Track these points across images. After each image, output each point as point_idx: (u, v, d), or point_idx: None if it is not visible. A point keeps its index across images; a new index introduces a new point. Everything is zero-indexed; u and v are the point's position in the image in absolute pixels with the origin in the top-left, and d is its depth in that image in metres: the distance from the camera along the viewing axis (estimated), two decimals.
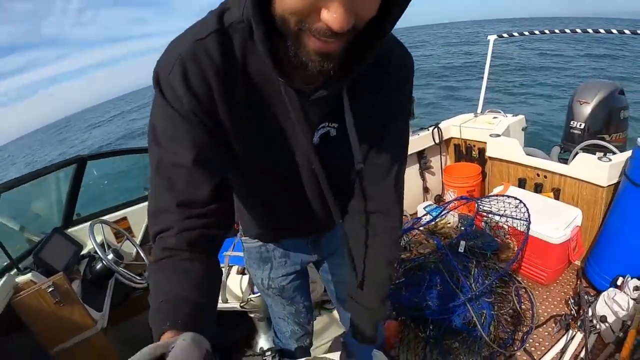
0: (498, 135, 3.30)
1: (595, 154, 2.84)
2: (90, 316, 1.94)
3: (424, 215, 3.39)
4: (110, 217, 2.68)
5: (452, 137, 3.83)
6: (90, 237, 2.10)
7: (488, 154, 3.39)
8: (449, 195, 3.58)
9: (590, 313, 2.30)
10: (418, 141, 3.64)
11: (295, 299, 1.49)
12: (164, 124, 0.77)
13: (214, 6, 0.81)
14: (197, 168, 0.77)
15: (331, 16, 0.58)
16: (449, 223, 3.33)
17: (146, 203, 2.19)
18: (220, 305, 2.13)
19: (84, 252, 2.47)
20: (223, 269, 2.17)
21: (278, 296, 1.45)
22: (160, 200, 0.79)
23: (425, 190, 3.98)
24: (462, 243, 2.60)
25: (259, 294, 2.12)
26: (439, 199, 4.03)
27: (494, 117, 3.71)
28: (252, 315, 2.33)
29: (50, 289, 1.85)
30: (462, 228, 3.05)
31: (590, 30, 3.12)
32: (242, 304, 2.09)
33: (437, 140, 3.70)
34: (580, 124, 3.06)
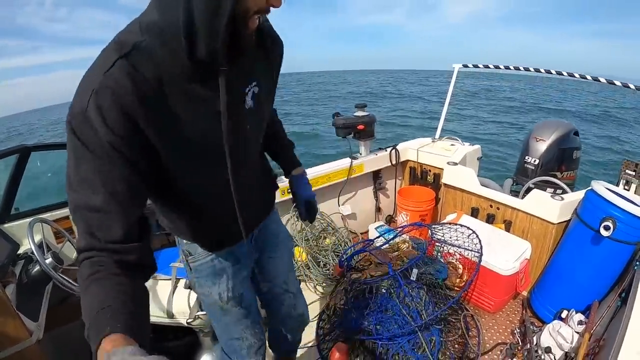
0: (455, 164, 3.36)
1: (545, 190, 2.94)
2: (25, 327, 1.76)
3: (376, 238, 3.40)
4: (51, 215, 2.50)
5: (409, 160, 3.88)
6: (28, 237, 1.94)
7: (444, 180, 3.45)
8: (401, 218, 3.61)
9: (535, 343, 2.36)
10: (375, 161, 3.67)
11: (252, 306, 1.50)
12: (76, 169, 0.80)
13: None
14: (110, 208, 0.81)
15: (277, 2, 0.85)
16: (404, 243, 3.35)
17: None
18: (165, 320, 2.02)
19: (20, 251, 2.29)
20: (169, 282, 2.06)
21: (237, 307, 1.42)
22: (81, 240, 0.82)
23: (378, 210, 4.00)
24: (415, 271, 2.62)
25: None
26: (390, 220, 4.06)
27: (452, 144, 3.79)
28: (197, 330, 2.24)
29: None
30: (414, 249, 3.08)
31: (553, 72, 3.25)
32: (189, 320, 1.99)
33: (393, 162, 3.74)
34: (535, 160, 3.16)
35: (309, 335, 2.60)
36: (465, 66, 3.85)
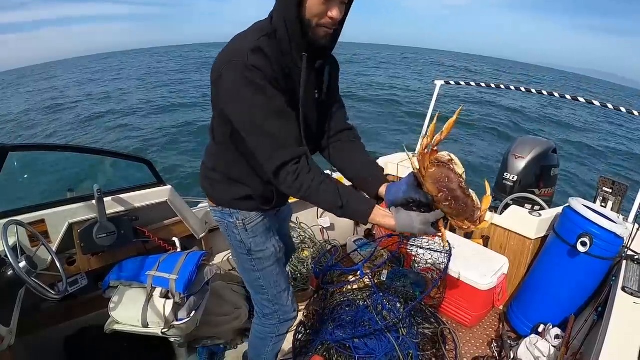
0: None
1: (524, 206, 2.98)
2: None
3: (353, 252, 3.43)
4: (27, 217, 2.44)
5: (389, 174, 3.89)
6: (2, 239, 1.88)
7: None
8: (380, 232, 3.62)
9: (512, 357, 2.37)
10: None
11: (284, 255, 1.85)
12: (261, 97, 1.26)
13: None
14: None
15: (334, 14, 1.25)
16: (380, 255, 3.35)
17: (68, 207, 2.01)
18: (140, 329, 1.98)
19: None
20: (145, 290, 2.02)
21: (281, 257, 1.77)
22: (287, 154, 1.29)
23: (357, 223, 3.99)
24: (384, 272, 2.72)
25: (183, 320, 2.00)
26: (368, 233, 4.06)
27: None
28: (172, 340, 2.20)
29: None
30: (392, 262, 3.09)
31: (533, 91, 3.31)
32: (164, 330, 1.95)
33: None
34: (513, 177, 3.21)
35: (285, 347, 2.58)
36: (448, 83, 3.88)
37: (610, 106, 2.94)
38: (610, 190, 2.73)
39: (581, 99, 3.12)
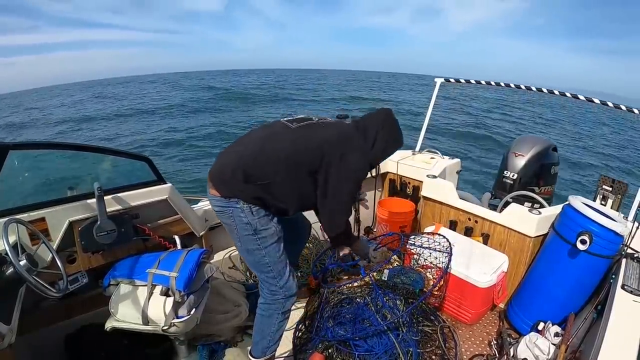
0: (435, 177, 3.39)
1: (523, 204, 2.98)
2: None
3: None
4: (27, 215, 2.44)
5: (389, 172, 3.90)
6: (3, 237, 1.88)
7: (423, 193, 3.46)
8: (381, 229, 3.62)
9: (512, 354, 2.38)
10: None
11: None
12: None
13: (191, 12, 1.04)
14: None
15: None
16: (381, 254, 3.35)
17: (68, 205, 2.00)
18: (140, 327, 1.98)
19: None
20: (145, 287, 2.03)
21: (282, 235, 2.03)
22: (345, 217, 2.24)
23: (357, 221, 3.99)
24: (386, 272, 2.72)
25: (183, 318, 2.00)
26: (369, 231, 4.06)
27: (431, 157, 3.83)
28: (172, 338, 2.20)
29: None
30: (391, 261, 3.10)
31: (533, 89, 3.32)
32: (164, 328, 1.95)
33: (373, 174, 3.76)
34: (513, 175, 3.20)
35: (285, 345, 2.58)
36: (448, 80, 3.89)
37: (610, 104, 2.94)
38: (610, 189, 2.73)
39: (581, 97, 3.12)
